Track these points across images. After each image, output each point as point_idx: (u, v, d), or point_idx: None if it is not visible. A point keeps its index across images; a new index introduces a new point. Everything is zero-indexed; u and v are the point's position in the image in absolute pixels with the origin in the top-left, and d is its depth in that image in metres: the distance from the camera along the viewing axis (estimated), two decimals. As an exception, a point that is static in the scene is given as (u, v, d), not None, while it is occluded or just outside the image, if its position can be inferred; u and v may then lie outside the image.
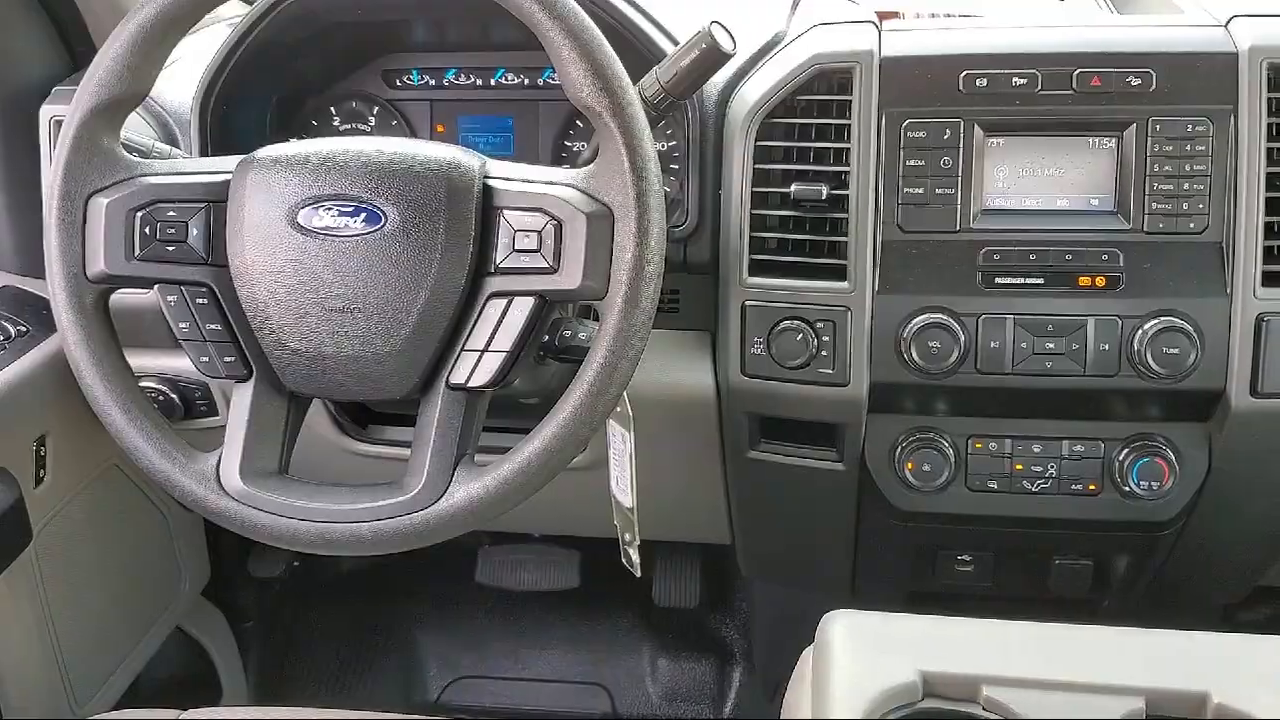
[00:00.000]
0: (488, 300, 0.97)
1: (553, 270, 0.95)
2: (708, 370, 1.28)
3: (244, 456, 1.01)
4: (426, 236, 0.96)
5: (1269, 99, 1.11)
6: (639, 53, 1.19)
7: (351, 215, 0.97)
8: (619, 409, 1.17)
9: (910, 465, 1.21)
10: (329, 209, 0.98)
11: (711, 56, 1.07)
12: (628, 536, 1.25)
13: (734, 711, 1.87)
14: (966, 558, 1.33)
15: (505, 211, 0.97)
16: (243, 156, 1.01)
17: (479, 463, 0.99)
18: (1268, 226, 1.12)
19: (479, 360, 0.97)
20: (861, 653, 0.84)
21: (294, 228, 0.98)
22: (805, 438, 1.27)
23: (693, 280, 1.27)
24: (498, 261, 0.97)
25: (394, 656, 1.99)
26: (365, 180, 0.97)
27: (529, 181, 0.98)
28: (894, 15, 1.31)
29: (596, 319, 1.05)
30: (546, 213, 0.95)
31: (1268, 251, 1.12)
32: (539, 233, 0.95)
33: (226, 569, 1.82)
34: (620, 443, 1.18)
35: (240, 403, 1.03)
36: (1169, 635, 0.85)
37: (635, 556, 1.25)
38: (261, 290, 0.99)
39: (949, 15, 1.39)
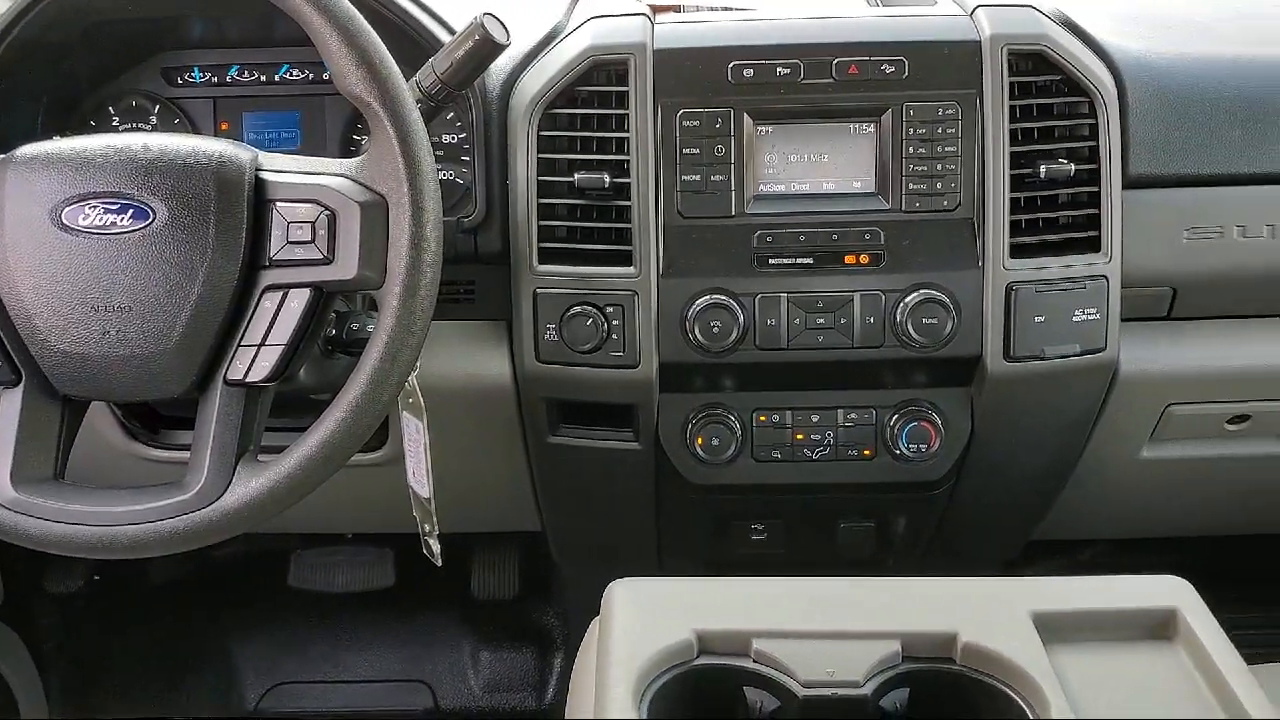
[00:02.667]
0: (263, 294, 0.97)
1: (328, 261, 0.96)
2: (505, 359, 1.30)
3: (15, 463, 0.98)
4: (196, 232, 0.95)
5: (1010, 83, 1.20)
6: (417, 44, 1.20)
7: (118, 213, 0.96)
8: (411, 399, 1.18)
9: (700, 440, 1.26)
10: (94, 207, 0.96)
11: (485, 47, 1.09)
12: (427, 527, 1.26)
13: (555, 698, 1.90)
14: (759, 526, 1.39)
15: (278, 204, 0.97)
16: (0, 155, 0.98)
17: (266, 461, 0.99)
18: (1013, 202, 1.20)
19: (256, 355, 0.97)
20: (640, 617, 0.88)
21: (58, 227, 0.96)
22: (602, 420, 1.30)
23: (486, 270, 1.29)
24: (272, 254, 0.96)
25: (209, 667, 1.95)
26: (131, 176, 0.95)
27: (302, 173, 0.98)
28: (674, 9, 1.36)
29: None
30: (320, 203, 0.96)
31: (1014, 225, 1.21)
32: (312, 224, 0.96)
33: (19, 587, 1.75)
34: (415, 433, 1.19)
35: (9, 408, 0.99)
36: (922, 582, 0.92)
37: (436, 546, 1.27)
38: (26, 292, 0.96)
39: (726, 9, 1.44)
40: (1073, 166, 1.20)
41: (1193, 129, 1.24)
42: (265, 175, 0.98)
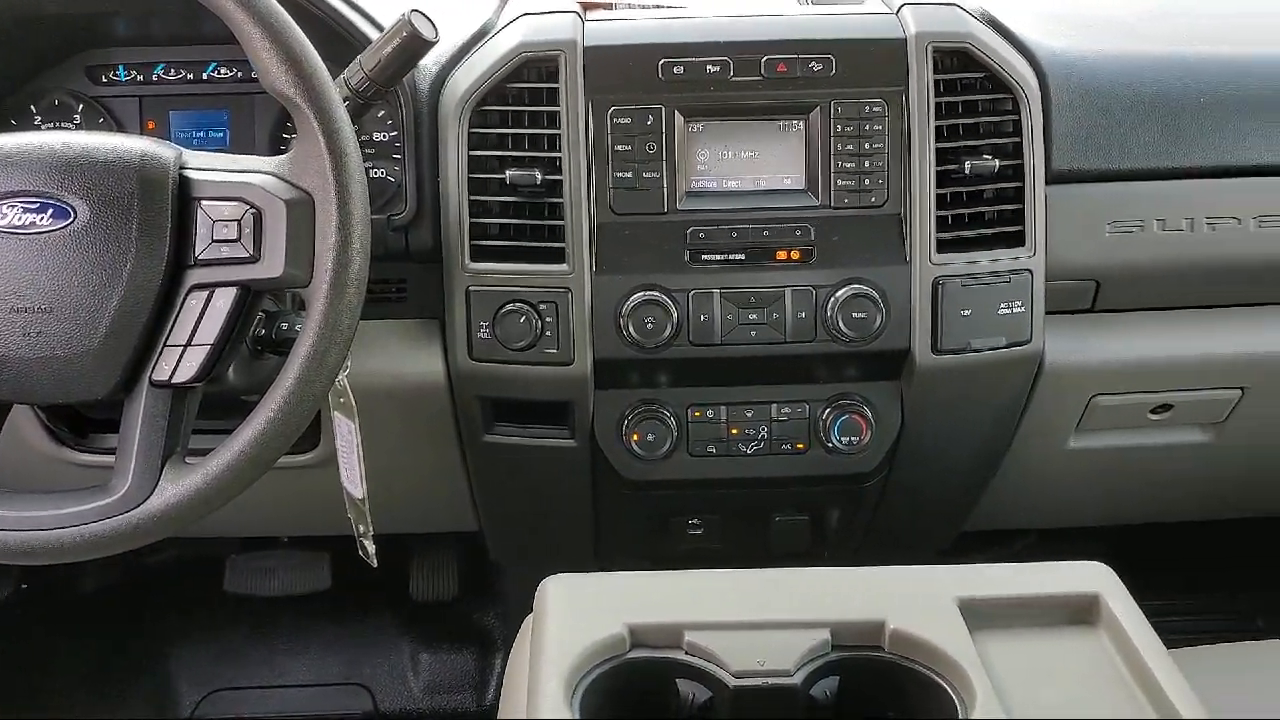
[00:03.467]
0: (189, 293, 0.96)
1: (254, 259, 0.95)
2: (438, 357, 1.29)
3: (-68, 469, 0.96)
4: (119, 231, 0.93)
5: (935, 81, 1.21)
6: (345, 41, 1.20)
7: (37, 212, 0.94)
8: (343, 399, 1.17)
9: (636, 436, 1.27)
10: (12, 206, 0.94)
11: (413, 44, 1.08)
12: (361, 528, 1.25)
13: (496, 699, 1.89)
14: (696, 521, 1.39)
15: (203, 202, 0.96)
16: None
17: (194, 463, 0.98)
18: (939, 198, 1.22)
19: (182, 355, 0.96)
20: (573, 613, 0.88)
21: (-25, 226, 0.94)
22: (537, 418, 1.30)
23: (418, 269, 1.28)
24: (197, 253, 0.95)
25: (144, 675, 1.91)
26: (50, 175, 0.94)
27: (227, 171, 0.97)
28: (605, 6, 1.36)
29: None
30: (245, 201, 0.95)
31: (940, 221, 1.22)
32: (238, 222, 0.95)
33: (-58, 599, 1.71)
34: (347, 434, 1.18)
35: (-75, 413, 0.97)
36: (851, 572, 0.93)
37: (371, 548, 1.26)
38: (-58, 294, 0.94)
39: (658, 6, 1.45)
40: (997, 163, 1.22)
41: (1114, 125, 1.27)
42: (190, 173, 0.97)
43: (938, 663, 0.84)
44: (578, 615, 0.88)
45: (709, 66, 1.21)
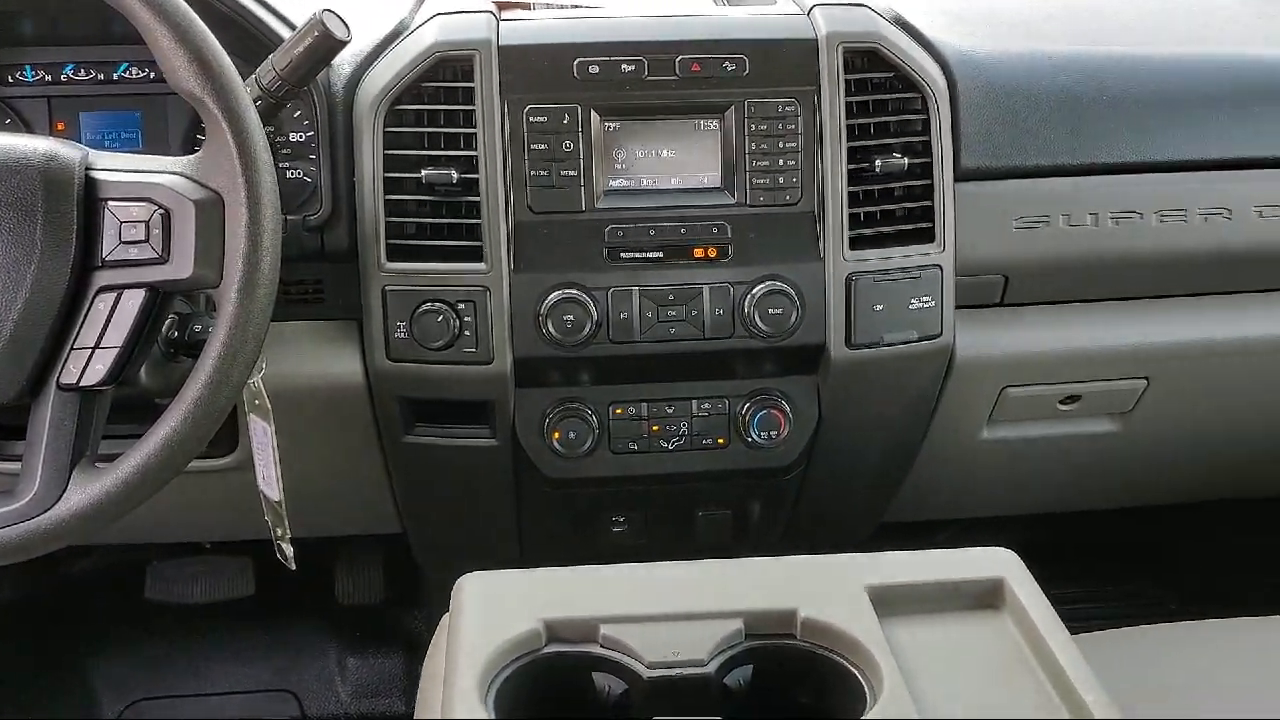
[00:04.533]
0: (96, 295, 0.95)
1: (163, 260, 0.94)
2: (356, 358, 1.29)
3: None
4: (22, 233, 0.92)
5: (845, 80, 1.24)
6: (258, 40, 1.19)
7: (-63, 214, 0.92)
8: (258, 401, 1.16)
9: (557, 434, 1.27)
10: (-89, 208, 0.92)
11: (325, 44, 1.08)
12: (279, 531, 1.24)
13: (425, 700, 1.88)
14: (620, 518, 1.40)
15: (110, 203, 0.95)
16: None
17: (103, 468, 0.96)
18: (851, 196, 1.24)
19: (90, 358, 0.95)
20: (489, 610, 0.88)
21: (-128, 230, 0.92)
22: (458, 418, 1.30)
23: (335, 269, 1.28)
24: (104, 255, 0.94)
25: (63, 686, 1.87)
26: None
27: (134, 171, 0.97)
28: (520, 6, 1.36)
29: None
30: (153, 202, 0.94)
31: (853, 218, 1.25)
32: (146, 223, 0.94)
33: None
34: (262, 436, 1.17)
35: None
36: (764, 562, 0.94)
37: (289, 550, 1.25)
38: None
39: (575, 5, 1.46)
40: (907, 161, 1.24)
41: (1019, 123, 1.30)
42: (96, 174, 0.96)
43: (847, 649, 0.86)
44: (493, 612, 0.88)
45: (624, 66, 1.22)
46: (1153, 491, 1.62)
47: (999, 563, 0.94)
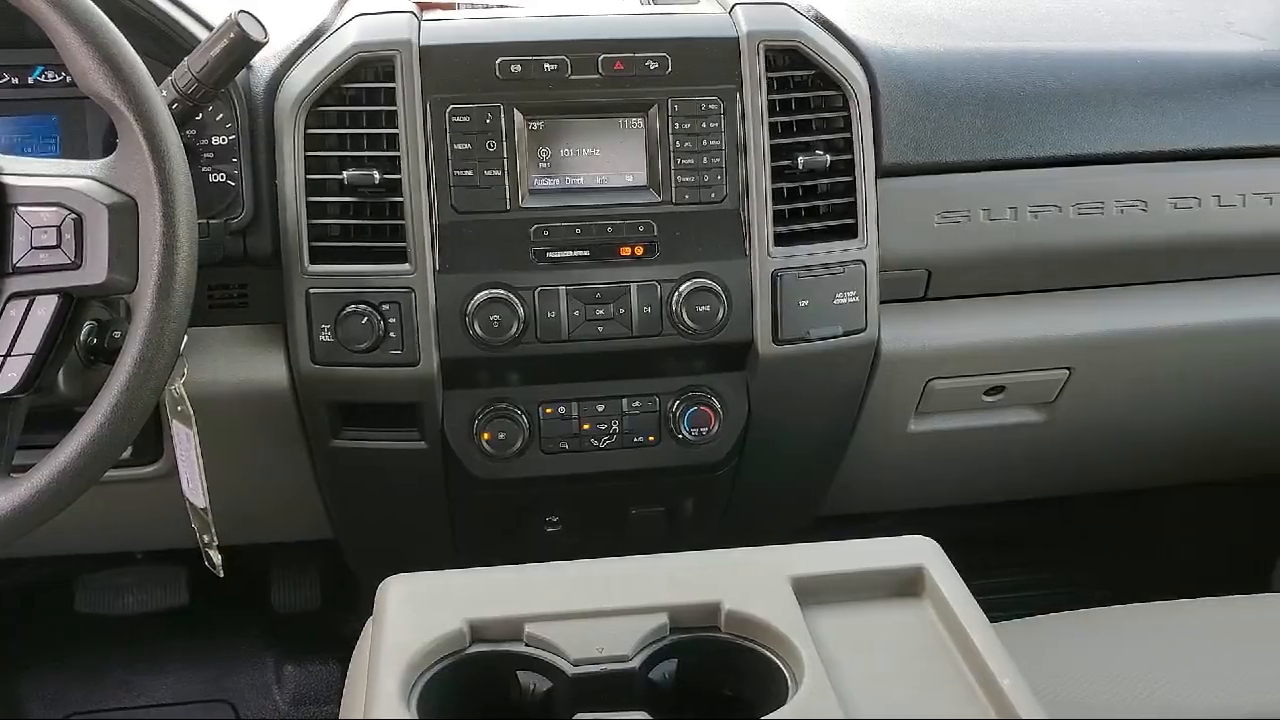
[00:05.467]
0: (7, 302, 0.93)
1: (75, 266, 0.93)
2: (282, 363, 1.28)
3: None
4: (-72, 240, 0.90)
5: (767, 78, 1.25)
6: (175, 42, 1.17)
7: None
8: (180, 407, 1.14)
9: (486, 435, 1.27)
10: None
11: (242, 45, 1.07)
12: (206, 538, 1.23)
13: (366, 706, 1.87)
14: (553, 519, 1.40)
15: (20, 208, 0.93)
16: None
17: (18, 477, 0.95)
18: (775, 193, 1.25)
19: (2, 366, 0.93)
20: (412, 611, 0.88)
21: None
22: (386, 420, 1.29)
23: (259, 273, 1.27)
24: (15, 261, 0.93)
25: (-6, 702, 1.84)
26: None
27: (45, 175, 0.95)
28: (442, 6, 1.36)
29: None
30: (65, 206, 0.93)
31: (778, 215, 1.26)
32: (58, 228, 0.93)
33: None
34: (185, 442, 1.16)
35: None
36: (689, 556, 0.95)
37: (217, 558, 1.24)
38: None
39: (499, 5, 1.46)
40: (829, 158, 1.26)
41: (939, 120, 1.32)
42: (5, 179, 0.94)
43: (770, 639, 0.86)
44: (417, 614, 0.88)
45: (546, 65, 1.22)
46: (1078, 480, 1.66)
47: (919, 551, 0.95)
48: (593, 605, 0.89)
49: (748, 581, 0.91)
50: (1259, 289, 1.45)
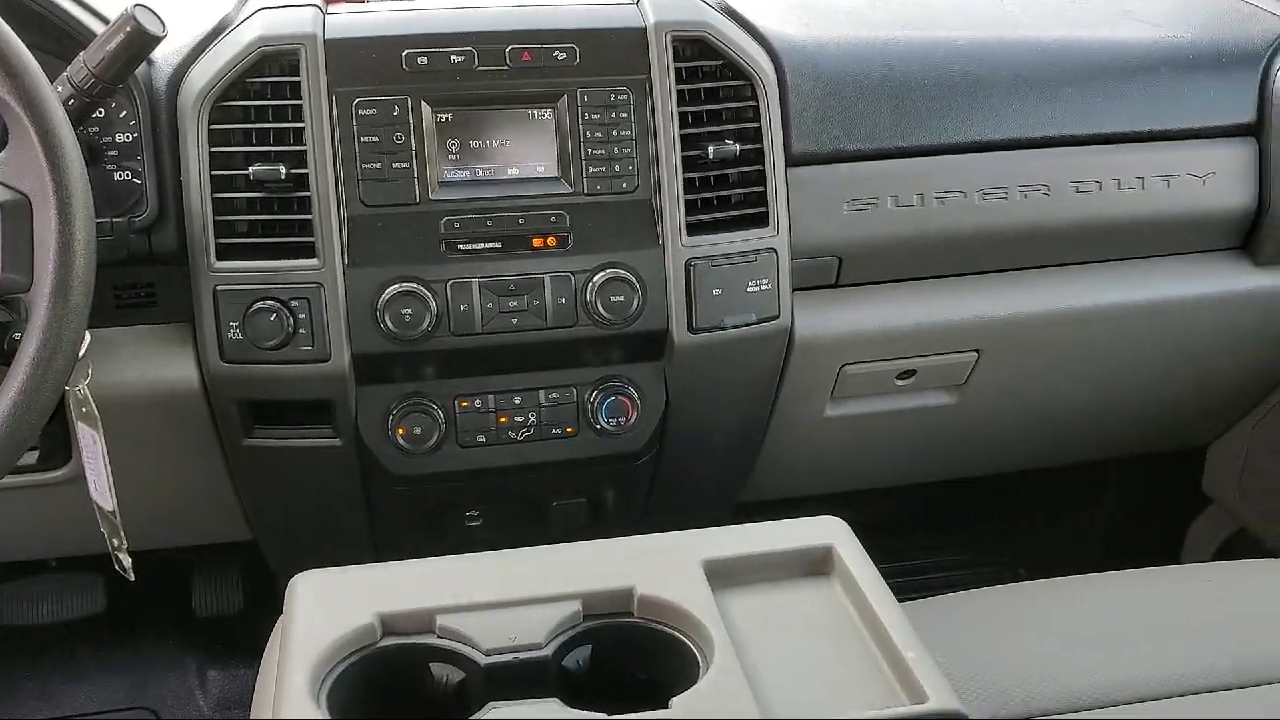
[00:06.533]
0: (-104, 304, 0.90)
1: (-35, 266, 0.90)
2: (191, 362, 1.26)
3: None
4: None
5: (676, 69, 1.25)
6: (70, 36, 1.15)
7: None
8: (85, 409, 1.12)
9: (402, 431, 1.26)
10: None
11: (139, 40, 1.05)
12: (115, 541, 1.21)
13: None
14: (474, 513, 1.40)
15: None
16: None
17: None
18: (687, 183, 1.26)
19: (-108, 369, 0.90)
20: (322, 607, 0.88)
21: None
22: (299, 418, 1.28)
23: (166, 271, 1.25)
24: (-97, 262, 0.90)
25: (-95, 720, 1.79)
26: None
27: (-68, 175, 0.93)
28: (355, -1, 1.35)
29: None
30: (-46, 205, 0.90)
31: (689, 204, 1.27)
32: (-53, 228, 0.90)
33: None
34: (91, 444, 1.14)
35: None
36: (602, 543, 0.96)
37: (127, 561, 1.22)
38: None
39: (409, -3, 1.45)
40: (739, 147, 1.27)
41: (847, 109, 1.34)
42: (-109, 178, 0.92)
43: (682, 622, 0.87)
44: (327, 609, 0.87)
45: (453, 56, 1.21)
46: (991, 460, 1.69)
47: (828, 531, 0.97)
48: (505, 595, 0.89)
49: (660, 566, 0.92)
50: (1160, 269, 1.49)
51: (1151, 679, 1.03)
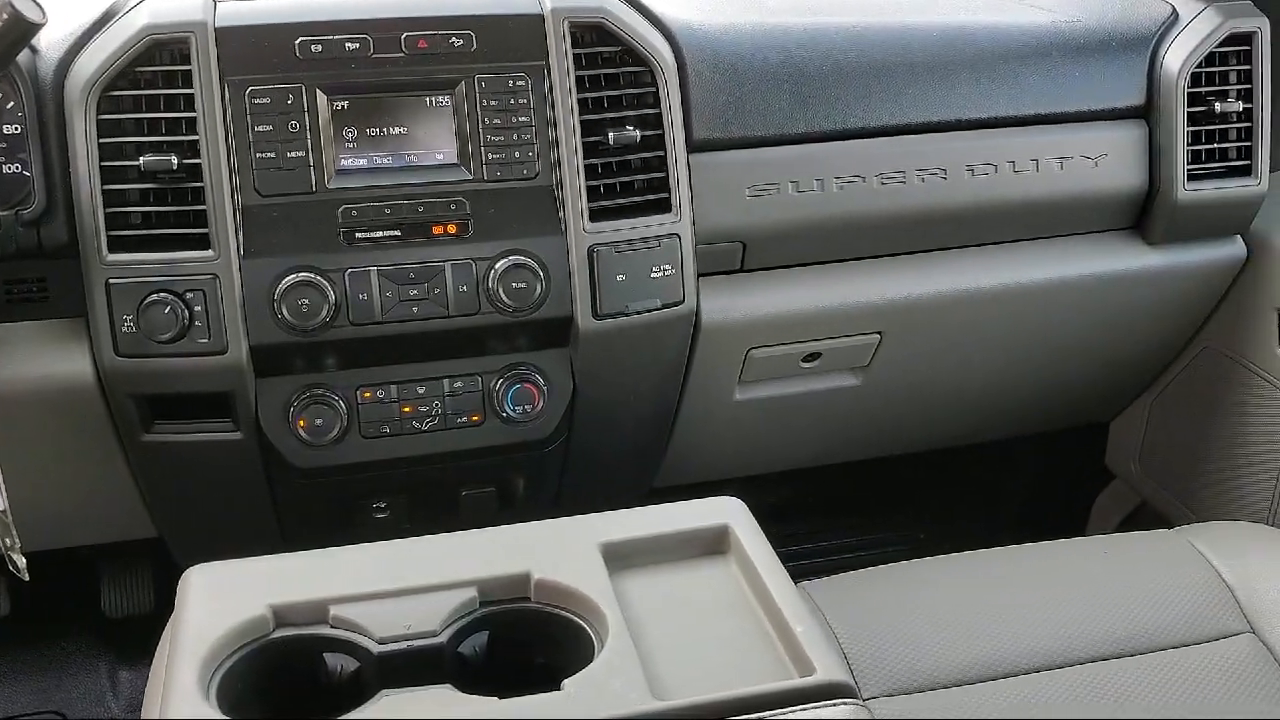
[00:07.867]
0: None
1: None
2: (86, 357, 1.23)
3: None
4: None
5: (574, 55, 1.25)
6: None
7: None
8: (-31, 407, 1.10)
9: (303, 423, 1.25)
10: None
11: (17, 27, 1.03)
12: (8, 541, 1.18)
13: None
14: (381, 505, 1.39)
15: None
16: None
17: None
18: (588, 169, 1.27)
19: None
20: (213, 600, 0.87)
21: None
22: (198, 412, 1.26)
23: (57, 265, 1.22)
24: None
25: None
26: None
27: None
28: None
29: None
30: None
31: (591, 191, 1.27)
32: None
33: None
34: (-21, 442, 1.11)
35: None
36: (500, 530, 0.96)
37: (20, 561, 1.19)
38: None
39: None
40: (639, 133, 1.27)
41: (747, 95, 1.35)
42: None
43: (578, 605, 0.88)
44: (218, 602, 0.86)
45: (348, 44, 1.20)
46: (897, 440, 1.72)
47: (725, 511, 0.98)
48: (401, 583, 0.89)
49: (558, 551, 0.93)
50: (1056, 249, 1.52)
51: (1040, 650, 1.07)
